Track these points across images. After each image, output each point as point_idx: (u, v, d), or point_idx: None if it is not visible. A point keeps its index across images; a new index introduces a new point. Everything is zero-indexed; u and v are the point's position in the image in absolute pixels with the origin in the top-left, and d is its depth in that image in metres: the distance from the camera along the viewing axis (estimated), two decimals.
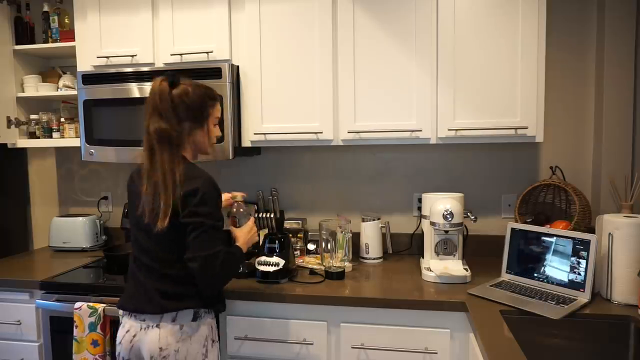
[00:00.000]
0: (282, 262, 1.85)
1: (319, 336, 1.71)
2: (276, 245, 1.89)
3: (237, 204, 1.58)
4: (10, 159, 2.54)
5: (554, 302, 1.53)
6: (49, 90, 2.39)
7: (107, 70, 2.07)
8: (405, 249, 2.29)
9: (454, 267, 1.83)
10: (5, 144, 2.38)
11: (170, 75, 1.44)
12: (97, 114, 2.09)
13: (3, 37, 2.34)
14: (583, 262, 1.58)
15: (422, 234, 2.01)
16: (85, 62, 2.16)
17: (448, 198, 1.87)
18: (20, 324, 1.95)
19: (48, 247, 2.51)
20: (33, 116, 2.43)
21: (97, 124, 2.09)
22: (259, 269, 1.85)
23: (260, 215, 2.22)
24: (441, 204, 1.82)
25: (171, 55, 2.06)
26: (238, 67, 2.04)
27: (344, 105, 1.96)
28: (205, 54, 2.03)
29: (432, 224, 1.85)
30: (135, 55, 2.10)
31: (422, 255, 2.03)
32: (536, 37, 1.81)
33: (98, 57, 2.13)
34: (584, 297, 1.56)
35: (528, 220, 2.04)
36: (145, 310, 1.39)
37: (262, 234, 2.13)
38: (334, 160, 2.36)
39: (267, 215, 2.21)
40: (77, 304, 1.79)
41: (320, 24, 1.95)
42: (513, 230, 1.80)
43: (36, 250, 2.55)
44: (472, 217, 1.86)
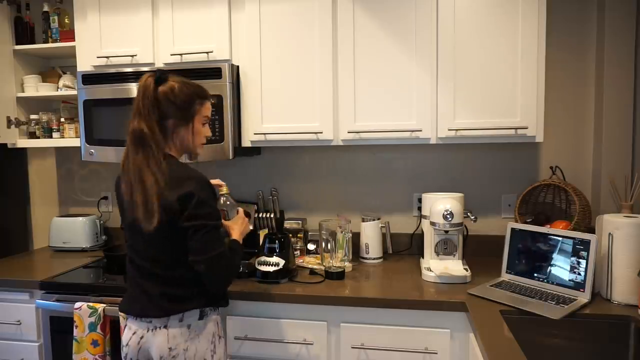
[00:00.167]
0: (282, 262, 1.85)
1: (319, 336, 1.71)
2: (276, 245, 1.89)
3: (224, 197, 1.58)
4: (10, 159, 2.54)
5: (554, 302, 1.53)
6: (49, 90, 2.39)
7: (107, 70, 2.07)
8: (405, 249, 2.29)
9: (454, 267, 1.83)
10: (5, 144, 2.38)
11: (158, 72, 1.41)
12: (97, 114, 2.09)
13: (3, 37, 2.34)
14: (583, 262, 1.58)
15: (422, 234, 2.01)
16: (85, 62, 2.16)
17: (448, 198, 1.87)
18: (20, 324, 1.95)
19: (48, 247, 2.51)
20: (33, 116, 2.43)
21: (97, 124, 2.09)
22: (259, 269, 1.85)
23: (260, 215, 2.23)
24: (441, 204, 1.82)
25: (171, 55, 2.06)
26: (238, 67, 2.04)
27: (344, 105, 1.96)
28: (205, 54, 2.03)
29: (432, 224, 1.85)
30: (135, 55, 2.10)
31: (422, 255, 2.03)
32: (536, 37, 1.81)
33: (98, 57, 2.13)
34: (584, 297, 1.56)
35: (528, 220, 2.04)
36: (151, 314, 1.38)
37: (262, 234, 2.13)
38: (334, 160, 2.36)
39: (267, 215, 2.22)
40: (77, 304, 1.79)
41: (320, 24, 1.95)
42: (513, 230, 1.80)
43: (36, 250, 2.55)
44: (472, 217, 1.86)
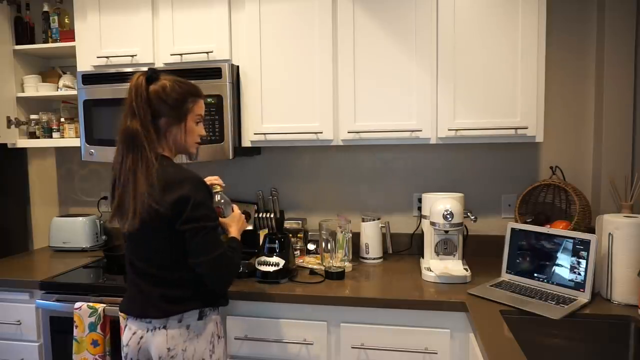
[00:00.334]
0: (282, 262, 1.85)
1: (319, 336, 1.71)
2: (276, 245, 1.89)
3: (219, 194, 1.57)
4: (10, 159, 2.54)
5: (554, 302, 1.53)
6: (49, 90, 2.39)
7: (107, 70, 2.07)
8: (405, 249, 2.29)
9: (454, 267, 1.83)
10: (5, 144, 2.38)
11: (149, 70, 1.39)
12: (97, 114, 2.09)
13: (3, 37, 2.34)
14: (583, 262, 1.58)
15: (422, 234, 2.01)
16: (85, 62, 2.16)
17: (448, 198, 1.87)
18: (20, 324, 1.95)
19: (48, 247, 2.51)
20: (33, 116, 2.43)
21: (97, 124, 2.09)
22: (259, 269, 1.85)
23: (260, 215, 2.22)
24: (441, 204, 1.82)
25: (171, 55, 2.06)
26: (238, 67, 2.04)
27: (344, 105, 1.96)
28: (205, 54, 2.03)
29: (432, 224, 1.85)
30: (135, 55, 2.10)
31: (422, 255, 2.03)
32: (536, 36, 1.81)
33: (98, 57, 2.13)
34: (584, 297, 1.56)
35: (528, 220, 2.04)
36: (150, 315, 1.38)
37: (262, 234, 2.13)
38: (334, 160, 2.36)
39: (267, 215, 2.21)
40: (77, 304, 1.79)
41: (320, 24, 1.95)
42: (513, 230, 1.80)
43: (36, 250, 2.55)
44: (472, 217, 1.86)
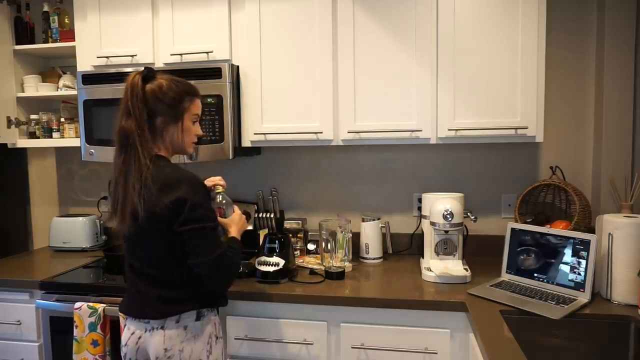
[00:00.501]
0: (282, 262, 1.85)
1: (319, 336, 1.71)
2: (276, 245, 1.89)
3: (221, 195, 1.57)
4: (10, 159, 2.54)
5: (554, 302, 1.53)
6: (49, 90, 2.39)
7: (107, 70, 2.07)
8: (405, 249, 2.29)
9: (454, 267, 1.83)
10: (5, 144, 2.38)
11: (145, 70, 1.39)
12: (97, 114, 2.09)
13: (3, 37, 2.34)
14: (583, 262, 1.58)
15: (422, 234, 2.01)
16: (85, 62, 2.16)
17: (448, 198, 1.87)
18: (20, 324, 1.95)
19: (48, 247, 2.51)
20: (33, 116, 2.43)
21: (97, 123, 2.09)
22: (259, 269, 1.85)
23: (260, 215, 2.23)
24: (441, 204, 1.82)
25: (171, 55, 2.06)
26: (238, 67, 2.04)
27: (344, 105, 1.96)
28: (205, 54, 2.03)
29: (432, 224, 1.85)
30: (135, 55, 2.10)
31: (422, 255, 2.03)
32: (536, 37, 1.81)
33: (98, 57, 2.13)
34: (584, 297, 1.56)
35: (528, 220, 2.04)
36: (148, 315, 1.38)
37: (262, 234, 2.13)
38: (334, 160, 2.36)
39: (267, 215, 2.22)
40: (77, 304, 1.79)
41: (320, 23, 1.95)
42: (513, 230, 1.79)
43: (36, 250, 2.55)
44: (472, 217, 1.86)
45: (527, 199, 2.08)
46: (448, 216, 1.80)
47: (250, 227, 1.70)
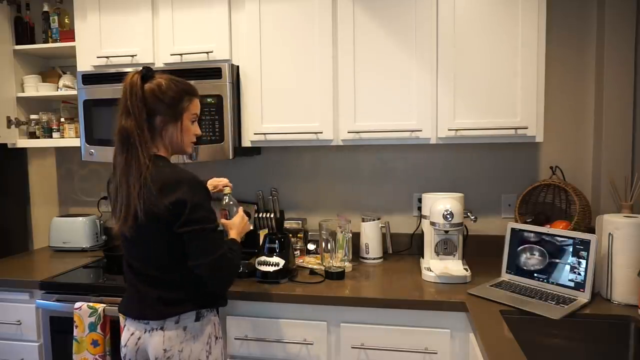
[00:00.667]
0: (282, 262, 1.85)
1: (319, 336, 1.71)
2: (276, 245, 1.89)
3: (227, 197, 1.58)
4: (10, 159, 2.54)
5: (554, 302, 1.53)
6: (49, 90, 2.39)
7: (107, 70, 2.07)
8: (405, 249, 2.29)
9: (454, 267, 1.83)
10: (5, 144, 2.38)
11: (144, 69, 1.38)
12: (97, 114, 2.09)
13: (3, 37, 2.34)
14: (583, 262, 1.58)
15: (422, 234, 2.01)
16: (85, 62, 2.16)
17: (448, 198, 1.86)
18: (20, 324, 1.95)
19: (48, 247, 2.51)
20: (33, 116, 2.43)
21: (97, 124, 2.09)
22: (259, 269, 1.85)
23: (260, 215, 2.23)
24: (441, 204, 1.82)
25: (171, 55, 2.06)
26: (238, 67, 2.03)
27: (343, 105, 1.96)
28: (205, 54, 2.03)
29: (432, 224, 1.85)
30: (135, 55, 2.10)
31: (422, 255, 2.03)
32: (536, 34, 1.81)
33: (98, 57, 2.13)
34: (584, 297, 1.56)
35: (528, 220, 2.04)
36: (147, 316, 1.38)
37: (262, 234, 2.13)
38: (334, 160, 2.36)
39: (267, 215, 2.22)
40: (77, 304, 1.79)
41: (321, 24, 1.95)
42: (513, 230, 1.79)
43: (36, 250, 2.55)
44: (472, 217, 1.86)
45: (527, 199, 2.08)
46: (448, 216, 1.80)
47: (250, 227, 1.72)
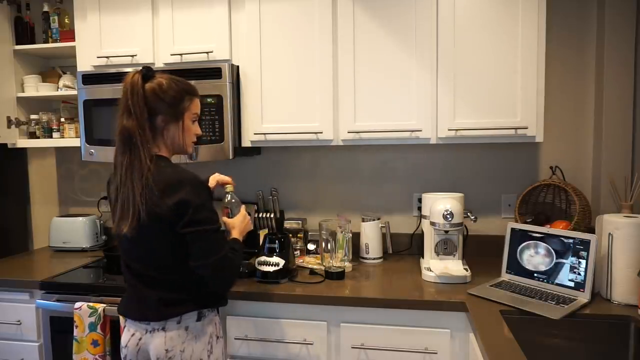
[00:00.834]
0: (282, 262, 1.85)
1: (319, 336, 1.71)
2: (276, 245, 1.89)
3: (229, 195, 1.57)
4: (10, 159, 2.54)
5: (554, 302, 1.53)
6: (49, 90, 2.39)
7: (107, 70, 2.07)
8: (405, 249, 2.29)
9: (454, 267, 1.83)
10: (5, 144, 2.38)
11: (144, 69, 1.38)
12: (97, 114, 2.09)
13: (3, 37, 2.34)
14: (583, 262, 1.58)
15: (422, 234, 2.01)
16: (85, 62, 2.16)
17: (448, 198, 1.86)
18: (20, 324, 1.95)
19: (48, 247, 2.51)
20: (33, 116, 2.43)
21: (97, 124, 2.09)
22: (259, 269, 1.85)
23: (260, 215, 2.23)
24: (441, 204, 1.82)
25: (171, 55, 2.06)
26: (238, 67, 2.03)
27: (343, 105, 1.96)
28: (205, 54, 2.03)
29: (432, 224, 1.85)
30: (135, 55, 2.10)
31: (422, 255, 2.03)
32: (536, 34, 1.81)
33: (98, 57, 2.13)
34: (584, 297, 1.56)
35: (528, 220, 2.04)
36: (149, 317, 1.38)
37: (262, 234, 2.13)
38: (334, 160, 2.36)
39: (267, 215, 2.22)
40: (77, 304, 1.79)
41: (320, 24, 1.95)
42: (513, 230, 1.79)
43: (36, 250, 2.55)
44: (472, 217, 1.86)
45: (527, 199, 2.08)
46: (448, 216, 1.80)
47: (252, 227, 1.72)
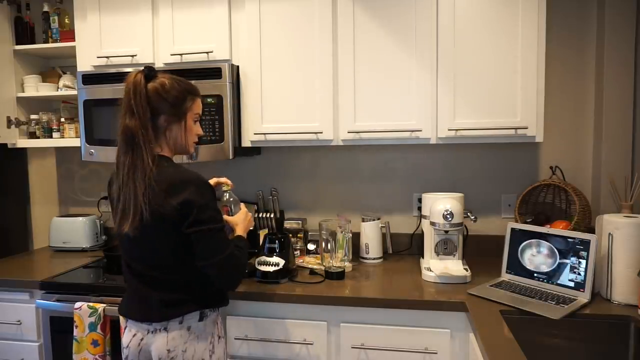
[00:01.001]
0: (282, 262, 1.85)
1: (319, 336, 1.71)
2: (276, 245, 1.89)
3: (227, 193, 1.57)
4: (10, 159, 2.54)
5: (554, 302, 1.53)
6: (49, 90, 2.39)
7: (107, 70, 2.07)
8: (405, 249, 2.29)
9: (454, 267, 1.83)
10: (5, 144, 2.38)
11: (146, 69, 1.38)
12: (97, 114, 2.09)
13: (3, 37, 2.34)
14: (583, 262, 1.58)
15: (422, 234, 2.01)
16: (85, 62, 2.16)
17: (448, 198, 1.86)
18: (21, 324, 1.95)
19: (48, 247, 2.51)
20: (33, 116, 2.43)
21: (97, 124, 2.09)
22: (259, 269, 1.85)
23: (260, 215, 2.23)
24: (441, 204, 1.82)
25: (171, 55, 2.06)
26: (238, 67, 2.03)
27: (343, 105, 1.96)
28: (205, 54, 2.03)
29: (432, 224, 1.85)
30: (135, 55, 2.10)
31: (422, 255, 2.03)
32: (536, 34, 1.81)
33: (98, 57, 2.13)
34: (584, 297, 1.56)
35: (528, 220, 2.04)
36: (151, 318, 1.38)
37: (262, 234, 2.13)
38: (334, 160, 2.36)
39: (267, 215, 2.22)
40: (77, 304, 1.79)
41: (320, 24, 1.95)
42: (513, 230, 1.79)
43: (36, 250, 2.55)
44: (472, 217, 1.86)
45: (527, 199, 2.08)
46: (448, 216, 1.80)
47: (253, 224, 1.73)
